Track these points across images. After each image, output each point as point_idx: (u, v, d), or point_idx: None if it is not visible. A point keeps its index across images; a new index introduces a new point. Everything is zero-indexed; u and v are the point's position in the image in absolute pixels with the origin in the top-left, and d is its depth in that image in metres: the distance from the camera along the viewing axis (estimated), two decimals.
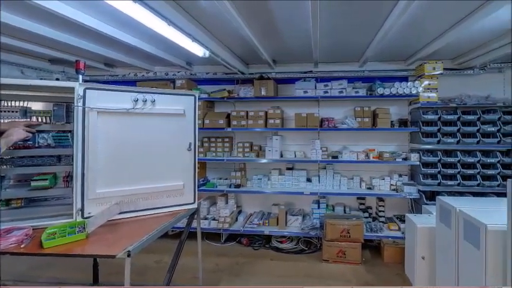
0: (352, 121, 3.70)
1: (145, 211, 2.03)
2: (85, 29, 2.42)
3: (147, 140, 2.05)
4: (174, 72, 4.13)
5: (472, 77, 3.75)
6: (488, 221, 1.91)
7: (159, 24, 2.26)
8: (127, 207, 1.95)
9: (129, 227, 1.79)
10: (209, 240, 3.86)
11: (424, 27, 2.66)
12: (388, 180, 3.74)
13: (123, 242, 1.52)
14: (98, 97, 1.82)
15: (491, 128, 3.40)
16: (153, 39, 2.93)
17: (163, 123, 2.13)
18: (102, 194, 1.81)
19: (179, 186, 2.19)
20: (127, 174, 1.96)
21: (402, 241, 3.26)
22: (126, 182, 1.95)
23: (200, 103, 3.77)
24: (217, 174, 4.18)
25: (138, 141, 2.01)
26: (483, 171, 3.38)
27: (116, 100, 1.91)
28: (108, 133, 1.87)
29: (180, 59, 3.75)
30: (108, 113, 1.87)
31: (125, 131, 1.96)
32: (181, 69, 4.10)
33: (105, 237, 1.62)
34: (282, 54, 3.63)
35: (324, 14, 2.33)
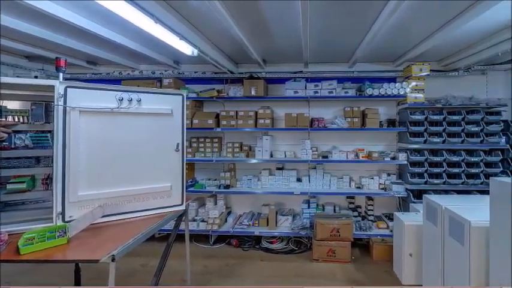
0: (342, 121, 3.76)
1: (131, 214, 1.99)
2: (66, 25, 2.35)
3: (133, 141, 2.01)
4: (161, 71, 4.06)
5: (457, 78, 3.90)
6: (472, 217, 2.00)
7: (145, 21, 2.22)
8: (111, 210, 1.90)
9: (113, 231, 1.75)
10: (198, 242, 3.82)
11: (412, 29, 2.76)
12: (377, 179, 3.83)
13: (107, 245, 1.49)
14: (80, 96, 1.76)
15: (475, 128, 3.54)
16: (139, 37, 2.88)
17: (150, 123, 2.10)
18: (85, 196, 1.76)
19: (166, 187, 2.16)
20: (111, 176, 1.91)
21: (390, 239, 3.35)
22: (111, 184, 1.91)
23: (188, 103, 3.74)
24: (206, 175, 4.15)
25: (123, 142, 1.97)
26: (467, 170, 3.51)
27: (99, 99, 1.86)
28: (91, 133, 1.82)
29: (167, 57, 3.70)
30: (91, 113, 1.82)
31: (109, 131, 1.91)
32: (168, 68, 4.04)
33: (88, 241, 1.57)
34: (272, 54, 3.64)
35: (314, 14, 2.37)
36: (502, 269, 1.70)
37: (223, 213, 3.88)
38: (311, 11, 2.21)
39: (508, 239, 1.67)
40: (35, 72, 3.71)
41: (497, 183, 1.73)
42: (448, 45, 3.23)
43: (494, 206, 1.77)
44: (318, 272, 3.13)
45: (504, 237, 1.69)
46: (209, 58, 3.22)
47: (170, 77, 3.89)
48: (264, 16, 2.46)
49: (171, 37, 2.60)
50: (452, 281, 2.18)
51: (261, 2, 2.19)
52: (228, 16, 2.27)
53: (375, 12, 2.35)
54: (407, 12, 2.32)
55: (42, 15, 2.11)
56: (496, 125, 3.54)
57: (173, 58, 3.79)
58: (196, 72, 4.04)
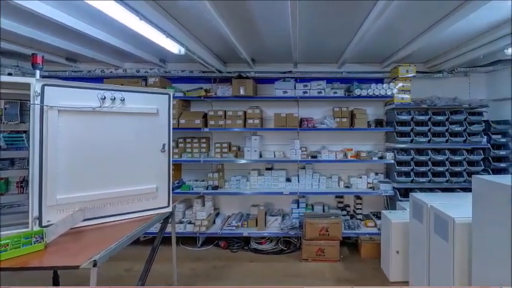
0: (331, 121, 3.81)
1: (115, 217, 1.95)
2: (43, 19, 2.24)
3: (117, 141, 1.97)
4: (146, 70, 3.97)
5: (441, 80, 4.05)
6: (456, 214, 2.08)
7: (129, 18, 2.17)
8: (93, 214, 1.85)
9: (95, 235, 1.71)
10: (185, 244, 3.77)
11: (398, 31, 2.84)
12: (365, 178, 3.90)
13: (89, 250, 1.45)
14: (58, 94, 1.71)
15: (458, 128, 3.68)
16: (123, 34, 2.80)
17: (135, 123, 2.06)
18: (64, 200, 1.71)
19: (152, 189, 2.13)
20: (93, 178, 1.87)
21: (378, 237, 3.43)
22: (93, 186, 1.86)
23: (175, 102, 3.67)
24: (193, 176, 4.10)
25: (106, 143, 1.93)
26: (451, 169, 3.65)
27: (80, 98, 1.81)
28: (71, 133, 1.77)
29: (153, 55, 3.63)
30: (70, 112, 1.77)
31: (91, 131, 1.87)
32: (154, 67, 3.96)
33: (68, 246, 1.53)
34: (262, 53, 3.64)
35: (303, 14, 2.40)
36: (484, 263, 1.78)
37: (211, 215, 3.85)
38: (300, 11, 2.25)
39: (489, 234, 1.75)
40: (8, 69, 3.53)
41: (479, 181, 1.81)
42: (433, 48, 3.36)
43: (476, 203, 1.84)
44: (307, 271, 3.16)
45: (485, 232, 1.77)
46: (197, 57, 3.19)
47: (156, 76, 3.81)
48: (253, 15, 2.46)
49: (157, 35, 2.55)
50: (437, 276, 2.26)
51: (250, 2, 2.19)
52: (216, 15, 2.26)
53: (363, 13, 2.40)
54: (394, 14, 2.39)
55: (16, 8, 2.02)
56: (477, 125, 3.69)
57: (159, 56, 3.72)
58: (183, 71, 3.98)
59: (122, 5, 1.97)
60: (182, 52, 2.95)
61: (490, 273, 1.73)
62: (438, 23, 2.54)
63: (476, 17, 2.38)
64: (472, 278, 1.91)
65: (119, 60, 3.91)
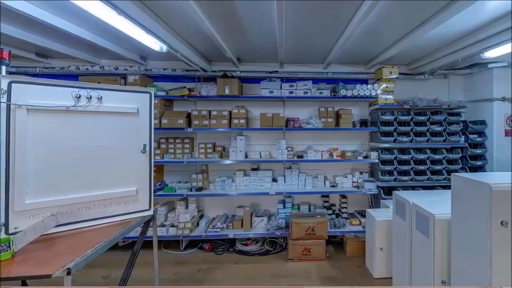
0: (317, 121, 3.86)
1: (91, 222, 1.87)
2: (8, 10, 2.10)
3: (93, 142, 1.90)
4: (125, 67, 3.84)
5: (423, 81, 4.23)
6: (436, 211, 2.17)
7: (107, 12, 2.10)
8: (68, 219, 1.77)
9: (70, 241, 1.63)
10: (167, 248, 3.70)
11: (382, 34, 2.95)
12: (350, 177, 3.99)
13: (62, 258, 1.39)
14: (27, 92, 1.62)
15: (438, 128, 3.85)
16: (100, 29, 2.70)
17: (113, 122, 2.00)
18: (34, 204, 1.62)
19: (132, 192, 2.07)
20: (67, 182, 1.79)
21: (363, 235, 3.53)
22: (67, 189, 1.78)
23: (157, 101, 3.60)
24: (176, 177, 4.03)
25: (82, 144, 1.85)
26: (432, 167, 3.81)
27: (52, 96, 1.73)
28: (43, 134, 1.69)
29: (132, 52, 3.52)
30: (41, 111, 1.68)
31: (65, 131, 1.79)
32: (134, 64, 3.84)
33: (38, 254, 1.45)
34: (247, 52, 3.63)
35: (289, 14, 2.43)
36: (462, 257, 1.88)
37: (195, 217, 3.79)
38: (286, 11, 2.27)
39: (466, 229, 1.84)
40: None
41: (457, 178, 1.90)
42: (414, 51, 3.50)
43: (454, 200, 1.94)
44: (293, 271, 3.18)
45: (463, 227, 1.85)
46: (180, 55, 3.13)
47: (136, 74, 3.69)
48: (238, 14, 2.46)
49: (137, 31, 2.48)
50: (418, 271, 2.36)
51: (235, 2, 2.19)
52: (200, 12, 2.24)
53: (348, 15, 2.46)
54: (378, 18, 2.49)
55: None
56: (456, 125, 3.88)
57: (139, 53, 3.62)
58: (165, 69, 3.89)
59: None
60: (164, 50, 2.88)
61: (468, 267, 1.82)
62: (419, 27, 2.65)
63: (455, 22, 2.53)
64: (451, 272, 2.00)
65: (96, 57, 3.75)
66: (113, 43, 3.13)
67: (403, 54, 3.61)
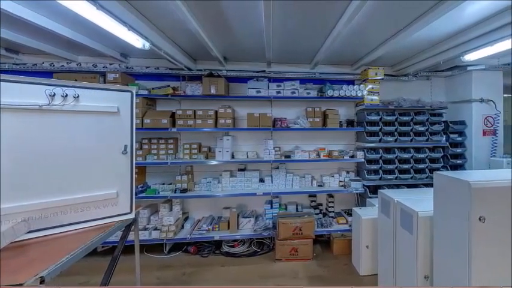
0: (304, 121, 3.91)
1: (67, 227, 1.80)
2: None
3: (70, 143, 1.83)
4: (104, 65, 3.71)
5: (407, 82, 4.38)
6: (419, 208, 2.26)
7: (85, 7, 2.03)
8: (41, 224, 1.70)
9: (43, 248, 1.56)
10: (150, 252, 3.62)
11: (367, 37, 3.04)
12: (337, 177, 4.06)
13: (35, 266, 1.33)
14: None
15: (421, 128, 4.00)
16: (77, 24, 2.61)
17: (92, 122, 1.93)
18: (3, 210, 1.53)
19: (112, 194, 2.01)
20: (41, 185, 1.71)
21: (350, 233, 3.60)
22: (40, 193, 1.70)
23: (138, 100, 3.51)
24: (159, 179, 3.94)
25: (58, 144, 1.78)
26: (415, 166, 3.95)
27: (23, 94, 1.65)
28: (13, 134, 1.60)
29: (112, 49, 3.41)
30: (12, 110, 1.60)
31: (39, 132, 1.71)
32: (114, 61, 3.72)
33: (8, 262, 1.38)
34: (234, 51, 3.61)
35: (277, 14, 2.45)
36: (443, 252, 1.95)
37: (179, 219, 3.73)
38: (274, 11, 2.29)
39: (447, 225, 1.91)
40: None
41: (439, 177, 1.98)
42: (399, 53, 3.64)
43: (437, 197, 2.02)
44: (280, 271, 3.21)
45: (444, 224, 1.93)
46: (163, 52, 3.07)
47: (116, 72, 3.58)
48: (224, 12, 2.44)
49: (118, 27, 2.41)
50: (403, 267, 2.43)
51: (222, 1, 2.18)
52: (185, 10, 2.21)
53: (335, 16, 2.51)
54: (364, 20, 2.57)
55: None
56: (438, 125, 4.05)
57: (120, 50, 3.51)
58: (148, 67, 3.80)
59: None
60: (147, 47, 2.81)
61: (449, 261, 1.89)
62: (404, 29, 2.75)
63: (437, 26, 2.66)
64: (434, 267, 2.08)
65: (72, 53, 3.60)
66: (92, 39, 3.03)
67: (388, 56, 3.73)
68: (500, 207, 1.70)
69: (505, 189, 1.71)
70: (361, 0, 2.07)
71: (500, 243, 1.71)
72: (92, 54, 3.64)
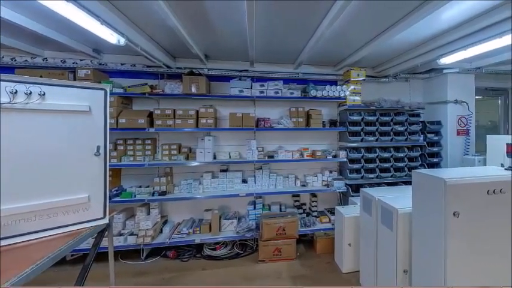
0: (288, 121, 3.93)
1: (32, 235, 1.69)
2: None
3: (35, 144, 1.72)
4: (75, 60, 3.53)
5: (387, 84, 4.56)
6: (399, 205, 2.35)
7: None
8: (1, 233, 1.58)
9: (5, 259, 1.46)
10: (125, 259, 3.48)
11: (349, 38, 3.12)
12: (320, 176, 4.13)
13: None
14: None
15: (401, 128, 4.17)
16: (43, 16, 2.46)
17: (60, 122, 1.83)
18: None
19: (83, 199, 1.91)
20: (1, 190, 1.59)
21: (332, 232, 3.69)
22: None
23: (113, 99, 3.37)
24: (136, 181, 3.82)
25: (20, 146, 1.67)
26: (395, 164, 4.10)
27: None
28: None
29: (84, 44, 3.26)
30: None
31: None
32: (85, 57, 3.54)
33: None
34: (216, 50, 3.56)
35: (260, 13, 2.44)
36: (421, 246, 2.05)
37: (157, 223, 3.62)
38: (257, 10, 2.29)
39: (425, 221, 2.00)
40: None
41: (417, 174, 2.08)
42: (380, 55, 3.77)
43: (415, 194, 2.12)
44: (264, 272, 3.21)
45: (422, 219, 2.02)
46: (140, 49, 2.96)
47: (88, 68, 3.41)
48: (205, 8, 2.41)
49: (90, 21, 2.30)
50: (383, 262, 2.52)
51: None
52: (163, 4, 2.15)
53: (319, 16, 2.55)
54: (346, 22, 2.64)
55: None
56: (416, 125, 4.24)
57: (92, 46, 3.35)
58: (123, 64, 3.66)
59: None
60: (122, 43, 2.69)
61: (426, 255, 1.98)
62: (385, 31, 2.85)
63: (415, 30, 2.80)
64: (412, 261, 2.18)
65: (37, 48, 3.38)
66: (60, 33, 2.87)
67: (370, 58, 3.85)
68: (472, 202, 1.81)
69: (477, 185, 1.82)
70: (346, 0, 2.11)
71: (472, 236, 1.82)
72: (60, 49, 3.44)
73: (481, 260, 1.85)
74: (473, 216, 1.81)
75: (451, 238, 1.79)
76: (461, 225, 1.79)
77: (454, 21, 2.67)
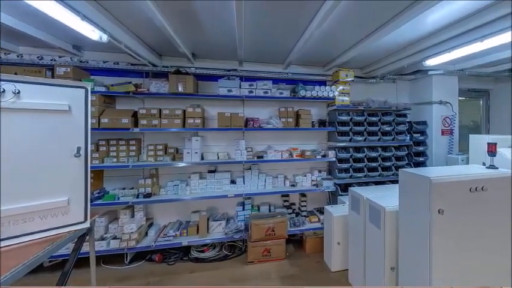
0: (277, 121, 3.94)
1: (5, 241, 1.61)
2: None
3: (9, 145, 1.64)
4: (53, 57, 3.39)
5: (374, 84, 4.66)
6: (386, 204, 2.40)
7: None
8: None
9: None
10: (108, 264, 3.39)
11: (338, 39, 3.16)
12: (309, 176, 4.16)
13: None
14: None
15: (388, 128, 4.26)
16: (15, 8, 2.35)
17: (36, 122, 1.75)
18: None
19: (62, 202, 1.83)
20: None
21: (322, 231, 3.72)
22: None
23: (95, 98, 3.27)
24: (119, 183, 3.72)
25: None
26: (383, 164, 4.19)
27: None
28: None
29: (63, 40, 3.13)
30: None
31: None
32: (65, 54, 3.40)
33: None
34: (204, 48, 3.51)
35: (249, 13, 2.44)
36: (407, 243, 2.10)
37: (142, 226, 3.55)
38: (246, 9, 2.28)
39: (411, 218, 2.05)
40: None
41: (403, 173, 2.13)
42: (368, 56, 3.85)
43: (401, 193, 2.17)
44: (253, 273, 3.21)
45: (409, 217, 2.07)
46: (123, 46, 2.88)
47: (68, 65, 3.29)
48: (193, 5, 2.37)
49: (69, 16, 2.21)
50: (371, 260, 2.57)
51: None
52: (150, 2, 2.11)
53: (309, 16, 2.56)
54: (335, 23, 2.68)
55: None
56: (403, 125, 4.35)
57: (72, 42, 3.24)
58: (106, 61, 3.55)
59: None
60: (104, 40, 2.60)
61: (413, 252, 2.03)
62: (372, 33, 2.91)
63: (402, 32, 2.87)
64: (399, 258, 2.22)
65: (12, 43, 3.23)
66: (37, 28, 2.75)
67: (358, 59, 3.93)
68: (456, 200, 1.87)
69: (460, 183, 1.88)
70: (335, 0, 2.12)
71: (456, 232, 1.88)
72: (36, 45, 3.29)
73: (465, 256, 1.91)
74: (456, 213, 1.87)
75: (436, 235, 1.84)
76: (446, 222, 1.85)
77: (439, 24, 2.75)
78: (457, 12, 2.48)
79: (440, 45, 3.18)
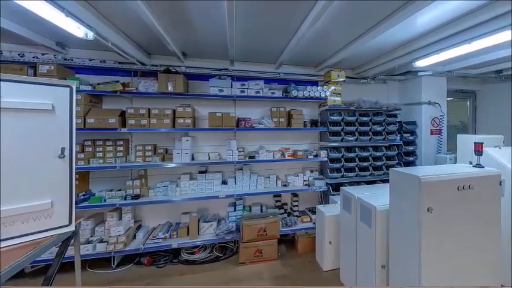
0: (269, 121, 3.94)
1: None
2: None
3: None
4: (35, 54, 3.28)
5: (366, 85, 4.73)
6: (377, 203, 2.44)
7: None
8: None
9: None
10: (94, 268, 3.31)
11: (330, 40, 3.19)
12: (301, 176, 4.18)
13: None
14: None
15: (379, 128, 4.33)
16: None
17: (18, 122, 1.69)
18: None
19: (45, 205, 1.78)
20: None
21: (314, 231, 3.75)
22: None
23: (80, 97, 3.19)
24: (106, 185, 3.63)
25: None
26: (373, 163, 4.25)
27: None
28: None
29: (45, 37, 3.04)
30: None
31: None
32: (48, 51, 3.30)
33: None
34: (194, 47, 3.48)
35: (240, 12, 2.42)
36: (397, 241, 2.14)
37: (130, 229, 3.48)
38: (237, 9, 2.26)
39: (401, 216, 2.09)
40: None
41: (394, 173, 2.17)
42: (359, 57, 3.89)
43: (392, 192, 2.21)
44: (245, 274, 3.20)
45: (399, 215, 2.11)
46: (110, 44, 2.80)
47: (51, 63, 3.20)
48: (184, 6, 2.35)
49: (53, 12, 2.14)
50: (362, 259, 2.60)
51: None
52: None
53: (301, 16, 2.57)
54: (327, 23, 2.69)
55: None
56: (393, 125, 4.43)
57: (56, 39, 3.14)
58: (92, 59, 3.47)
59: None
60: (90, 37, 2.52)
61: (403, 250, 2.07)
62: (364, 34, 2.94)
63: (392, 34, 2.92)
64: (390, 257, 2.26)
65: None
66: (18, 24, 2.66)
67: (350, 60, 3.98)
68: (444, 198, 1.91)
69: (448, 182, 1.93)
70: (328, 0, 2.13)
71: (444, 230, 1.92)
72: (18, 42, 3.18)
73: (453, 253, 1.96)
74: (445, 211, 1.92)
75: (425, 232, 1.88)
76: (435, 220, 1.89)
77: (429, 26, 2.80)
78: (450, 12, 2.51)
79: (429, 47, 3.24)
